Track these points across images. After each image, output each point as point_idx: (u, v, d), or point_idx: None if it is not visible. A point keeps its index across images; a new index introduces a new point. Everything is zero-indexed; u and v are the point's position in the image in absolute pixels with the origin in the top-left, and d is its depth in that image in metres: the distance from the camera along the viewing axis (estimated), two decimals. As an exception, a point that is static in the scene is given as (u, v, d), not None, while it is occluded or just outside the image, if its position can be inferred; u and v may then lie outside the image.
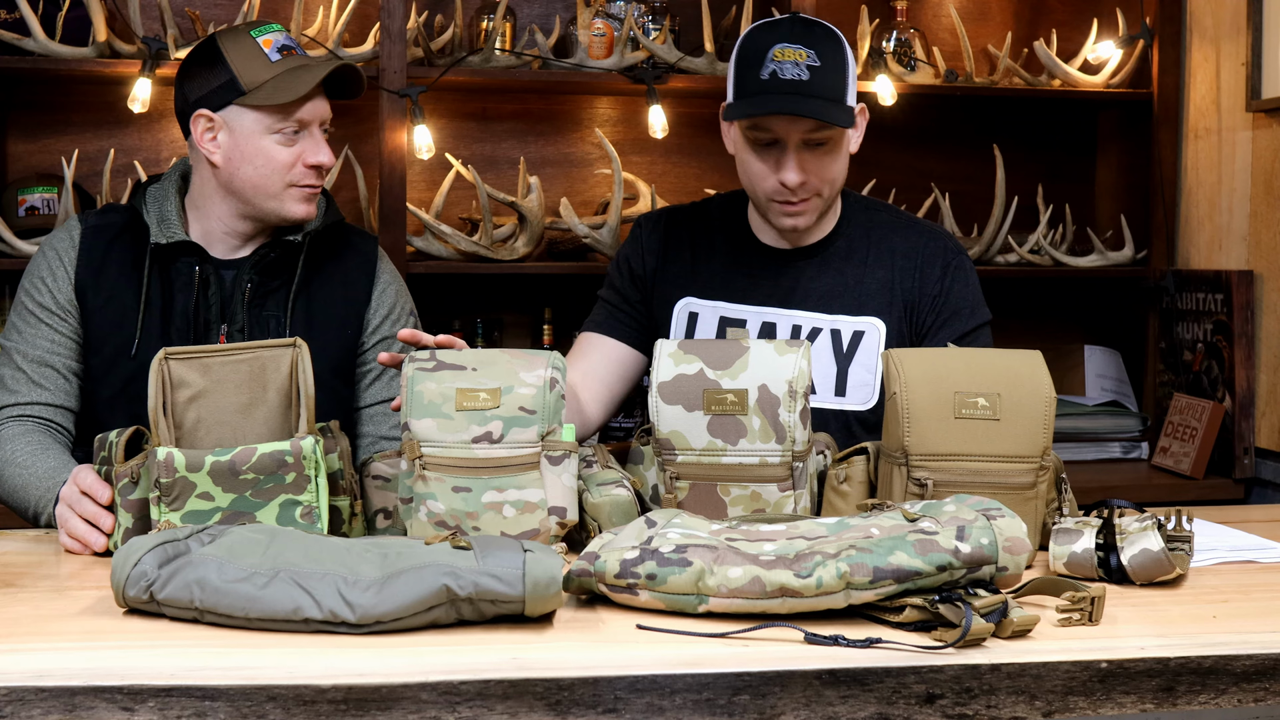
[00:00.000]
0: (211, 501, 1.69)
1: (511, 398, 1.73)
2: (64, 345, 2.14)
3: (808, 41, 2.10)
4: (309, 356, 1.76)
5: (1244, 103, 3.16)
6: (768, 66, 2.09)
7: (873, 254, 2.25)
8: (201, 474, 1.67)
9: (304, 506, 1.70)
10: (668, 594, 1.48)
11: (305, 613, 1.40)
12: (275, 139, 2.12)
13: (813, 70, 2.08)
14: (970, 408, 1.75)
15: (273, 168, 2.12)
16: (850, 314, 2.21)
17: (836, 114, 2.09)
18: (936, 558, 1.45)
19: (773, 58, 2.09)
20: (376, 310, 2.25)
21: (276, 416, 1.76)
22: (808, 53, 2.08)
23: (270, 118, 2.11)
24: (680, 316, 2.28)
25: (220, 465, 1.68)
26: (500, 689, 1.28)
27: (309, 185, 2.15)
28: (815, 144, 2.12)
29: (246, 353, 1.77)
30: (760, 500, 1.79)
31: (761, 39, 2.13)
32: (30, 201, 3.07)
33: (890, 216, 2.32)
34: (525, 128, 3.47)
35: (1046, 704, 1.35)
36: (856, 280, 2.23)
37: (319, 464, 1.71)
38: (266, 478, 1.69)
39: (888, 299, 2.22)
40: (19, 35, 2.93)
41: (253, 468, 1.68)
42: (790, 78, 2.08)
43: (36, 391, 2.11)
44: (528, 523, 1.71)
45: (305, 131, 2.14)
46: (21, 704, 1.24)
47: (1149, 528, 1.67)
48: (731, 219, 2.31)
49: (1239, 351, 3.14)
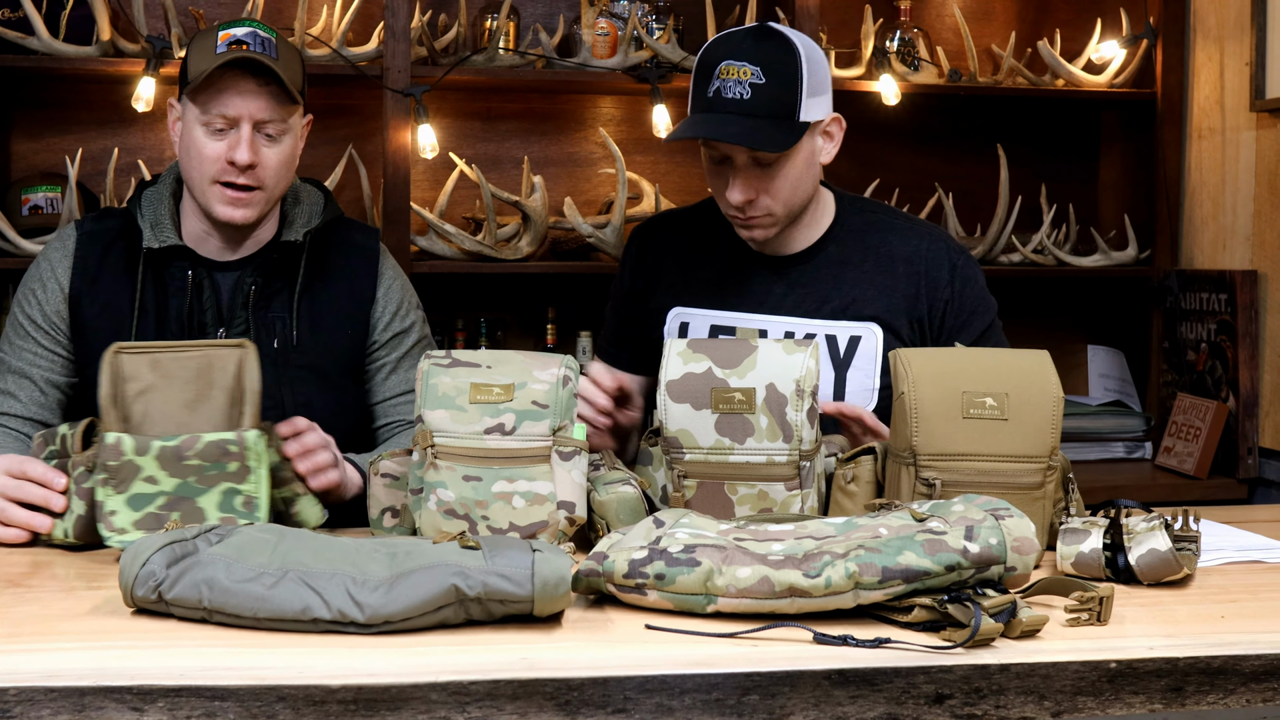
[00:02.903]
0: (156, 485, 1.72)
1: (525, 392, 1.74)
2: (45, 359, 2.13)
3: (754, 57, 2.06)
4: (256, 357, 1.80)
5: (1248, 102, 3.15)
6: (714, 83, 2.07)
7: (869, 259, 2.23)
8: (148, 458, 1.72)
9: (244, 496, 1.74)
10: (676, 594, 1.48)
11: (314, 613, 1.40)
12: (203, 132, 2.07)
13: (755, 88, 2.04)
14: (978, 407, 1.75)
15: (199, 161, 2.08)
16: (846, 319, 2.20)
17: (770, 136, 2.05)
18: (945, 557, 1.45)
19: (719, 74, 2.07)
20: (385, 307, 2.24)
21: (220, 414, 1.79)
22: (752, 70, 2.05)
23: (198, 109, 2.07)
24: (672, 326, 2.27)
25: (166, 450, 1.72)
26: (510, 689, 1.28)
27: (231, 185, 2.07)
28: (763, 162, 2.09)
29: (195, 350, 1.82)
30: (767, 499, 1.79)
31: (715, 51, 2.10)
32: (34, 200, 3.07)
33: (885, 217, 2.29)
34: (529, 127, 3.47)
35: (1055, 704, 1.35)
36: (852, 285, 2.21)
37: (261, 456, 1.76)
38: (210, 465, 1.73)
39: (887, 305, 2.20)
40: (23, 34, 2.94)
41: (197, 454, 1.73)
42: (732, 96, 2.05)
43: (7, 402, 2.11)
44: (536, 515, 1.71)
45: (236, 130, 2.07)
46: (31, 704, 1.24)
47: (1156, 528, 1.67)
48: (724, 225, 2.28)
49: (1243, 351, 3.14)
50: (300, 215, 2.21)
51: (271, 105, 2.07)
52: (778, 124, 2.06)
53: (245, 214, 2.10)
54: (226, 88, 2.05)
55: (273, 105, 2.08)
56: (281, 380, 2.14)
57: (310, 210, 2.22)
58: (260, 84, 2.06)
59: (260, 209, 2.11)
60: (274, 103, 2.08)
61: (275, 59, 2.06)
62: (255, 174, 2.08)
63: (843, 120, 2.19)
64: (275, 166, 2.10)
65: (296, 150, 2.16)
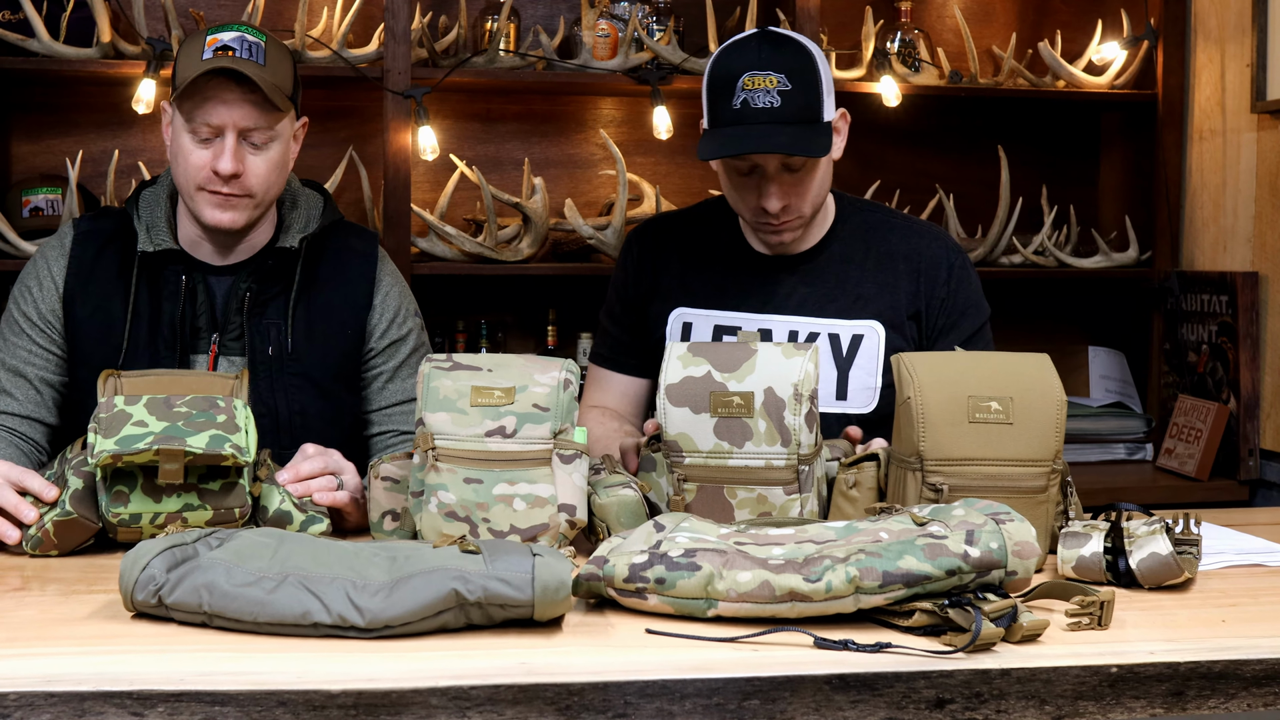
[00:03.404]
0: (144, 428, 1.73)
1: (526, 395, 1.74)
2: (40, 357, 2.13)
3: (777, 65, 2.07)
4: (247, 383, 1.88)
5: (1249, 104, 3.15)
6: (739, 96, 2.07)
7: (870, 257, 2.25)
8: (138, 406, 1.76)
9: (233, 444, 1.74)
10: (677, 598, 1.47)
11: (314, 617, 1.39)
12: (189, 139, 2.06)
13: (784, 95, 2.06)
14: (984, 412, 1.75)
15: (185, 167, 2.07)
16: (848, 318, 2.21)
17: (811, 141, 2.07)
18: (946, 562, 1.45)
19: (743, 86, 2.07)
20: (381, 315, 2.22)
21: None
22: (778, 78, 2.06)
23: (183, 117, 2.06)
24: (675, 327, 2.28)
25: (156, 400, 1.77)
26: (510, 694, 1.28)
27: (217, 192, 2.06)
28: (793, 167, 2.11)
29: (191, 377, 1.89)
30: (766, 503, 1.79)
31: (732, 64, 2.10)
32: (34, 202, 3.07)
33: (885, 217, 2.32)
34: (529, 129, 3.46)
35: (1056, 709, 1.35)
36: (855, 283, 2.23)
37: (249, 419, 1.79)
38: (198, 413, 1.76)
39: (889, 302, 2.22)
40: (23, 36, 2.93)
41: (186, 404, 1.77)
42: (762, 106, 2.06)
43: (2, 400, 2.11)
44: (537, 517, 1.71)
45: (221, 139, 2.05)
46: (30, 709, 1.24)
47: (1157, 531, 1.66)
48: (723, 226, 2.30)
49: (1244, 353, 3.14)
50: (297, 220, 2.20)
51: (255, 113, 2.05)
52: (810, 128, 2.09)
53: (233, 217, 2.08)
54: (210, 96, 2.03)
55: (257, 113, 2.05)
56: (276, 388, 2.13)
57: (308, 215, 2.21)
58: (244, 92, 2.04)
59: (249, 213, 2.10)
60: (258, 110, 2.05)
61: (262, 65, 2.04)
62: (240, 183, 2.06)
63: (847, 114, 2.23)
64: (262, 174, 2.08)
65: (288, 155, 2.14)
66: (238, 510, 1.76)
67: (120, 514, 1.73)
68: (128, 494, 1.73)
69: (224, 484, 1.76)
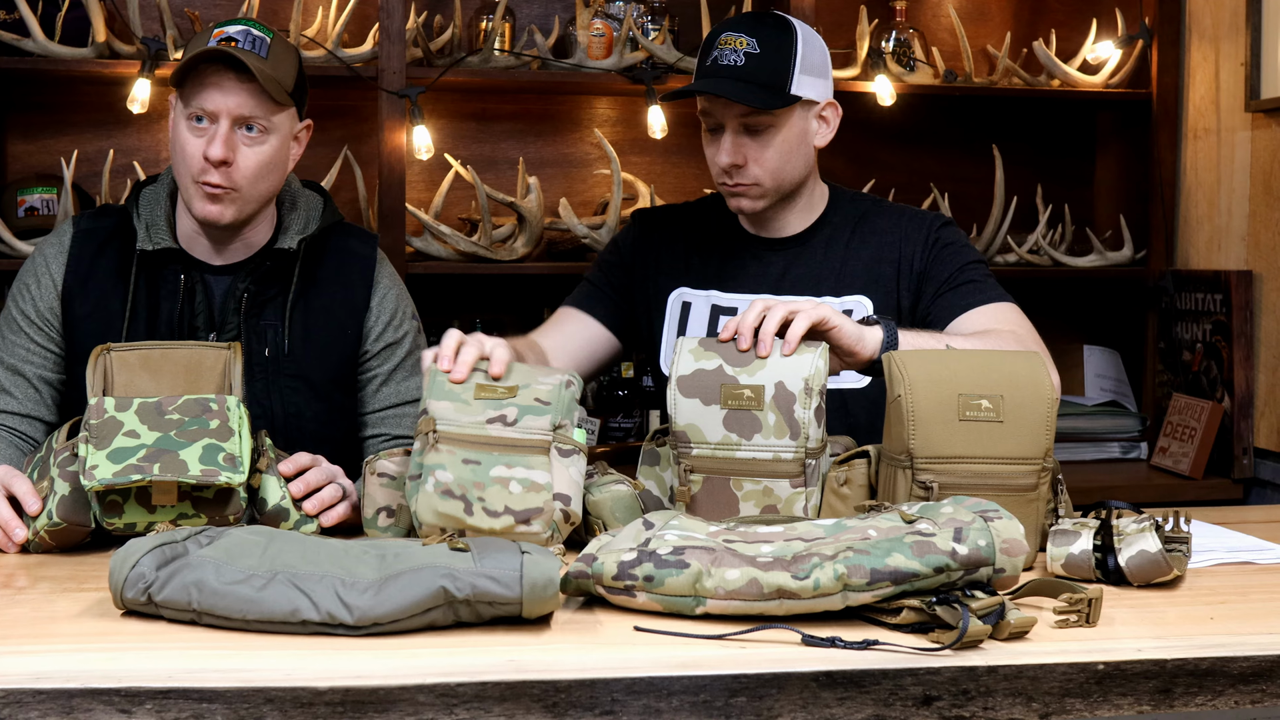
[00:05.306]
0: (137, 439, 1.72)
1: (528, 391, 1.78)
2: (38, 354, 2.13)
3: (751, 30, 2.20)
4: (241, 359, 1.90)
5: (1243, 103, 3.15)
6: (712, 54, 2.21)
7: (856, 237, 2.31)
8: (129, 414, 1.75)
9: (226, 453, 1.74)
10: (665, 596, 1.48)
11: (303, 615, 1.40)
12: (187, 127, 2.06)
13: (750, 56, 2.17)
14: (974, 410, 1.75)
15: (182, 157, 2.07)
16: (837, 294, 2.26)
17: (758, 97, 2.16)
18: (934, 559, 1.45)
19: (716, 44, 2.21)
20: (378, 317, 2.22)
21: None
22: (748, 40, 2.18)
23: (182, 103, 2.07)
24: (674, 306, 2.34)
25: (147, 405, 1.76)
26: (497, 691, 1.28)
27: (207, 183, 2.05)
28: (753, 129, 2.19)
29: (183, 349, 1.89)
30: (772, 496, 1.79)
31: (718, 29, 2.24)
32: (29, 202, 3.07)
33: (875, 204, 2.38)
34: (524, 128, 3.47)
35: (1043, 706, 1.35)
36: (842, 262, 2.29)
37: (243, 419, 1.79)
38: (191, 420, 1.75)
39: (874, 275, 2.27)
40: (18, 36, 2.93)
41: (178, 409, 1.76)
42: (727, 63, 2.18)
43: (2, 399, 2.11)
44: (533, 500, 1.71)
45: (215, 125, 2.05)
46: (19, 706, 1.24)
47: (1147, 529, 1.67)
48: (724, 215, 2.37)
49: (1238, 351, 3.14)
50: (296, 221, 2.20)
51: (250, 102, 2.04)
52: (767, 90, 2.17)
53: (220, 210, 2.07)
54: (207, 82, 2.04)
55: (252, 103, 2.04)
56: (271, 389, 2.13)
57: (307, 216, 2.21)
58: (241, 80, 2.04)
59: (238, 210, 2.09)
60: (254, 100, 2.04)
61: (264, 58, 2.04)
62: (228, 173, 2.05)
63: (839, 107, 2.30)
64: (253, 168, 2.06)
65: (285, 154, 2.13)
66: (232, 517, 1.77)
67: (114, 524, 1.76)
68: (121, 504, 1.74)
69: (219, 492, 1.77)
